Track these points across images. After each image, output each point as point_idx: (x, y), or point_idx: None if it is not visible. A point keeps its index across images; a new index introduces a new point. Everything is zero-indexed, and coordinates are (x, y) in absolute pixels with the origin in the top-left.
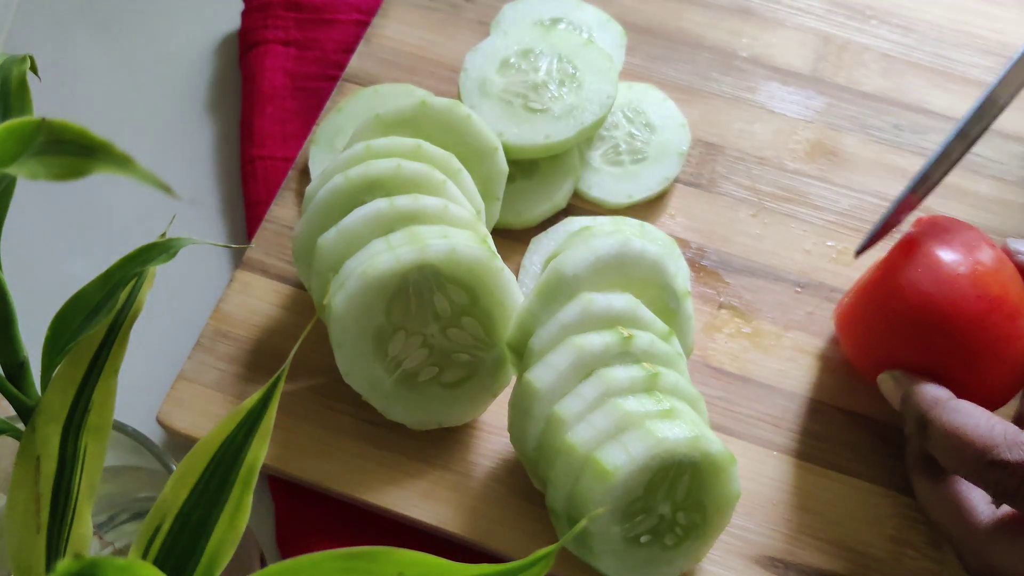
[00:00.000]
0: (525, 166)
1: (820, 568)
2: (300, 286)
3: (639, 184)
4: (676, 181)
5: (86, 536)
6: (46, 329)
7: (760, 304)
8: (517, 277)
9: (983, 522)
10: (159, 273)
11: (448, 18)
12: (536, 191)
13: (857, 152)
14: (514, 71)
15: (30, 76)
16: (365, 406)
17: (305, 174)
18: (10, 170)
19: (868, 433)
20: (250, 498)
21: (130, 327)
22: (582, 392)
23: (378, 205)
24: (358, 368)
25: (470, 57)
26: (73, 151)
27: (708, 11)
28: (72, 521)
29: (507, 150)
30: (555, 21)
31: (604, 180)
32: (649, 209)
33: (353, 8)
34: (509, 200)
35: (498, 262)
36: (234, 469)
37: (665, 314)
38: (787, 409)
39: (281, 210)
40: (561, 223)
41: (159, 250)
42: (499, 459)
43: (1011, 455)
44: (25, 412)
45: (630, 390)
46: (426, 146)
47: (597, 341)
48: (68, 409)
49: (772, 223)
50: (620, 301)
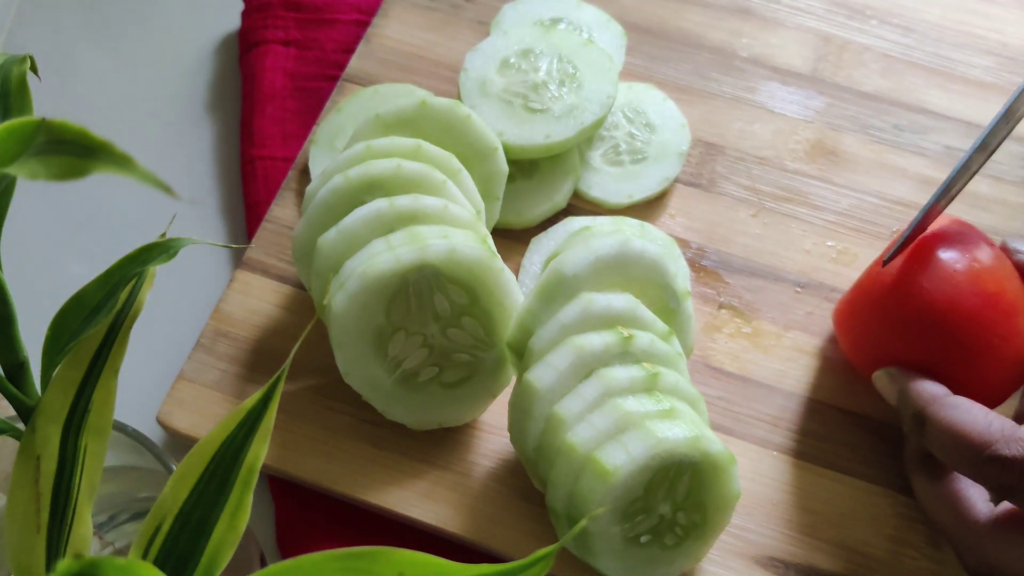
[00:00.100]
0: (525, 166)
1: (820, 568)
2: (300, 286)
3: (639, 184)
4: (676, 181)
5: (86, 536)
6: (46, 329)
7: (760, 304)
8: (517, 277)
9: (981, 520)
10: (159, 273)
11: (448, 18)
12: (536, 191)
13: (857, 152)
14: (514, 71)
15: (30, 76)
16: (365, 406)
17: (305, 174)
18: (10, 170)
19: (868, 433)
20: (250, 498)
21: (130, 327)
22: (582, 392)
23: (378, 205)
24: (358, 368)
25: (470, 57)
26: (73, 151)
27: (708, 11)
28: (72, 521)
29: (507, 150)
30: (555, 21)
31: (604, 180)
32: (649, 209)
33: (353, 8)
34: (509, 200)
35: (498, 262)
36: (234, 469)
37: (665, 314)
38: (787, 409)
39: (281, 210)
40: (561, 223)
41: (159, 250)
42: (499, 459)
43: (1009, 450)
44: (25, 412)
45: (630, 390)
46: (426, 146)
47: (597, 341)
48: (68, 409)
49: (772, 223)
50: (620, 301)
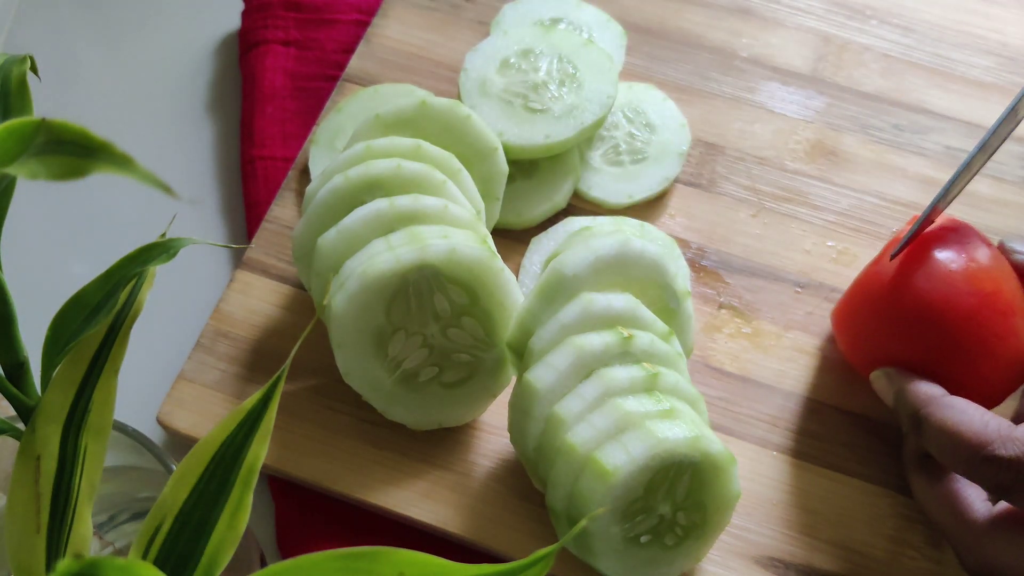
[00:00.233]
0: (525, 166)
1: (819, 568)
2: (300, 286)
3: (639, 184)
4: (676, 181)
5: (86, 536)
6: (46, 329)
7: (760, 304)
8: (517, 277)
9: (980, 519)
10: (159, 273)
11: (448, 18)
12: (536, 191)
13: (857, 152)
14: (514, 71)
15: (30, 76)
16: (365, 406)
17: (305, 174)
18: (10, 170)
19: (867, 433)
20: (250, 498)
21: (130, 327)
22: (582, 392)
23: (378, 205)
24: (358, 368)
25: (470, 57)
26: (73, 151)
27: (708, 11)
28: (72, 521)
29: (507, 150)
30: (555, 21)
31: (604, 180)
32: (649, 209)
33: (353, 8)
34: (509, 200)
35: (498, 262)
36: (234, 469)
37: (665, 314)
38: (787, 409)
39: (281, 210)
40: (561, 223)
41: (159, 250)
42: (499, 459)
43: (1005, 451)
44: (25, 412)
45: (630, 390)
46: (426, 146)
47: (597, 341)
48: (68, 409)
49: (772, 223)
50: (620, 301)
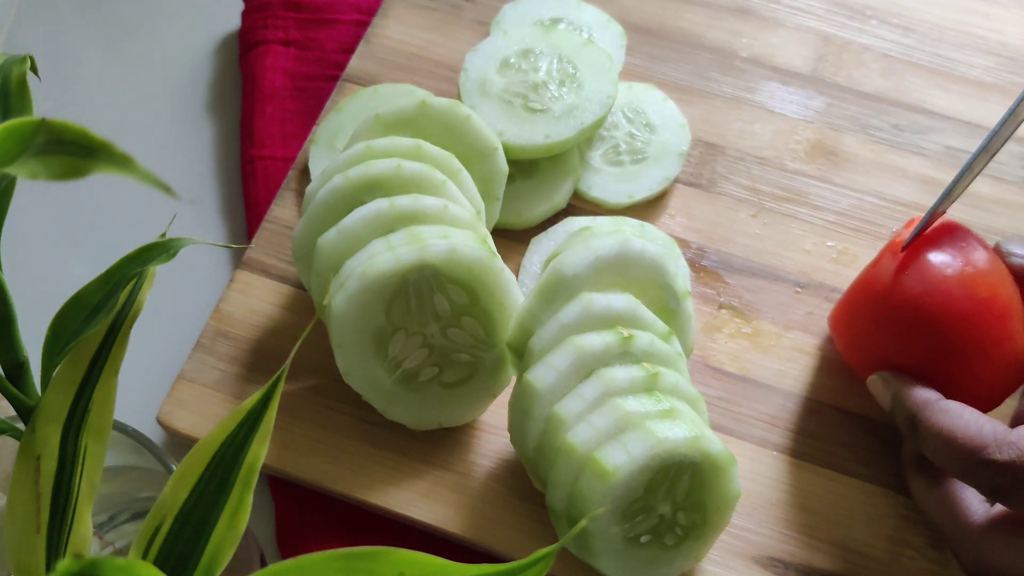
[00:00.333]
0: (525, 166)
1: (819, 568)
2: (300, 286)
3: (639, 184)
4: (676, 181)
5: (86, 536)
6: (46, 329)
7: (760, 304)
8: (517, 277)
9: (977, 521)
10: (159, 273)
11: (448, 18)
12: (536, 191)
13: (857, 152)
14: (514, 71)
15: (30, 76)
16: (365, 406)
17: (305, 174)
18: (10, 170)
19: (867, 433)
20: (250, 498)
21: (130, 327)
22: (582, 392)
23: (378, 205)
24: (358, 368)
25: (470, 57)
26: (73, 151)
27: (708, 11)
28: (72, 521)
29: (507, 150)
30: (555, 21)
31: (604, 180)
32: (649, 209)
33: (353, 8)
34: (509, 200)
35: (498, 262)
36: (234, 469)
37: (665, 314)
38: (787, 409)
39: (281, 210)
40: (561, 223)
41: (159, 250)
42: (499, 459)
43: (1001, 455)
44: (25, 412)
45: (630, 390)
46: (426, 146)
47: (597, 341)
48: (68, 409)
49: (772, 223)
50: (620, 301)
